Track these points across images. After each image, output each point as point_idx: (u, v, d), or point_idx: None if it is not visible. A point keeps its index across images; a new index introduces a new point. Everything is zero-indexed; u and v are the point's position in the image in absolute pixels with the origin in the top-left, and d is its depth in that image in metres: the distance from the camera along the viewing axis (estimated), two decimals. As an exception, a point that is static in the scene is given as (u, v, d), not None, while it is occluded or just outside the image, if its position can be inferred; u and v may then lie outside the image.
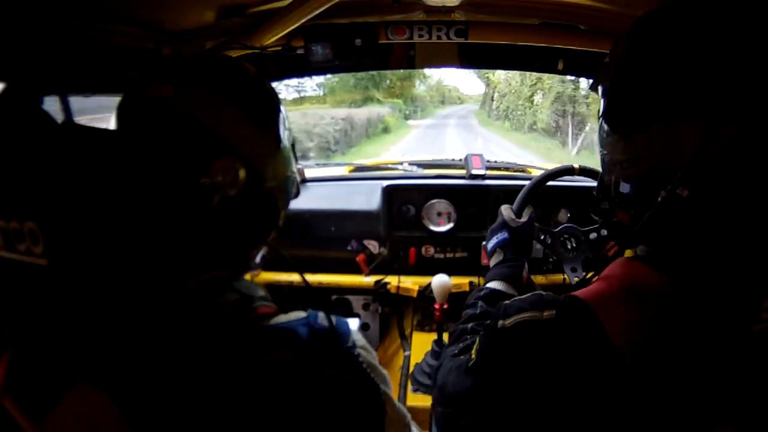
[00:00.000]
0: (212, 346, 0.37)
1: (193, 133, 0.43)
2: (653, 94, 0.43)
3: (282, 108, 0.53)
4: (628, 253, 0.56)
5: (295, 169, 0.55)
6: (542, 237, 0.91)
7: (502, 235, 0.84)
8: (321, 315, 0.44)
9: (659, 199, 0.43)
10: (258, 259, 0.53)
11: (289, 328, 0.40)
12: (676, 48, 0.42)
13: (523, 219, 0.86)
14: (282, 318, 0.43)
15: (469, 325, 0.69)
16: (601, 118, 0.52)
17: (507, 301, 0.51)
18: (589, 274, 0.52)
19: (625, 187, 0.49)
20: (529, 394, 0.45)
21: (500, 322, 0.49)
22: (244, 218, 0.47)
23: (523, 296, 0.51)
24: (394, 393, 0.49)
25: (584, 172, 0.97)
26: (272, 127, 0.50)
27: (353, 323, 1.10)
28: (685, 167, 0.40)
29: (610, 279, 0.47)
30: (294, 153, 0.55)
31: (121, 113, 0.44)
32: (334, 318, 0.44)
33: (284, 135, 0.52)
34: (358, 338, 0.46)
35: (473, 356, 0.52)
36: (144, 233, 0.39)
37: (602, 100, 0.51)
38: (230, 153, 0.44)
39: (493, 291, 0.74)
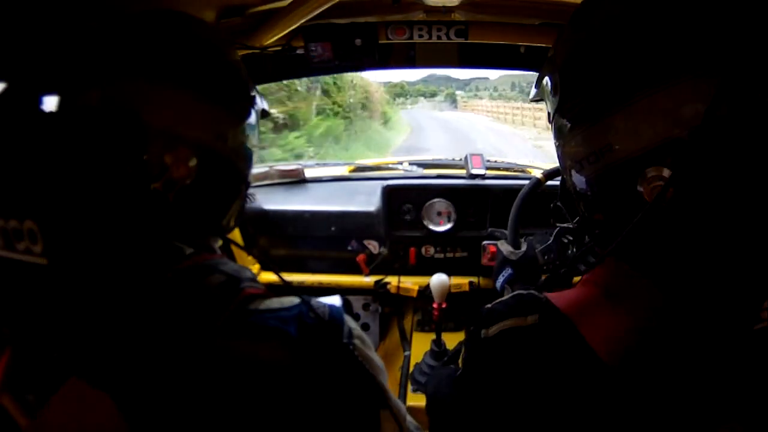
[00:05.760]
0: (202, 336, 0.37)
1: (133, 136, 0.39)
2: (614, 69, 0.38)
3: (238, 70, 0.48)
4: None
5: (256, 131, 0.51)
6: (545, 257, 0.91)
7: (506, 272, 0.85)
8: (313, 303, 0.42)
9: (638, 188, 0.37)
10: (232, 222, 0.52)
11: (279, 326, 0.40)
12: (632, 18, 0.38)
13: (522, 249, 0.86)
14: (274, 303, 0.41)
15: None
16: (554, 116, 0.47)
17: (488, 306, 0.48)
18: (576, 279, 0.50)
19: (594, 186, 0.43)
20: (515, 405, 0.43)
21: (483, 332, 0.46)
22: (207, 193, 0.45)
23: (504, 299, 0.48)
24: (393, 393, 0.48)
25: (550, 175, 0.93)
26: (226, 98, 0.46)
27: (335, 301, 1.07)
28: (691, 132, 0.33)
29: (591, 284, 0.44)
30: (257, 112, 0.51)
31: (58, 122, 0.39)
32: (326, 307, 0.43)
33: (242, 102, 0.48)
34: (353, 326, 0.44)
35: (460, 365, 0.50)
36: (115, 229, 0.38)
37: (551, 98, 0.47)
38: (179, 144, 0.41)
39: None
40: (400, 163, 1.53)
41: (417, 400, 1.07)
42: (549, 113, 0.48)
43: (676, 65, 0.35)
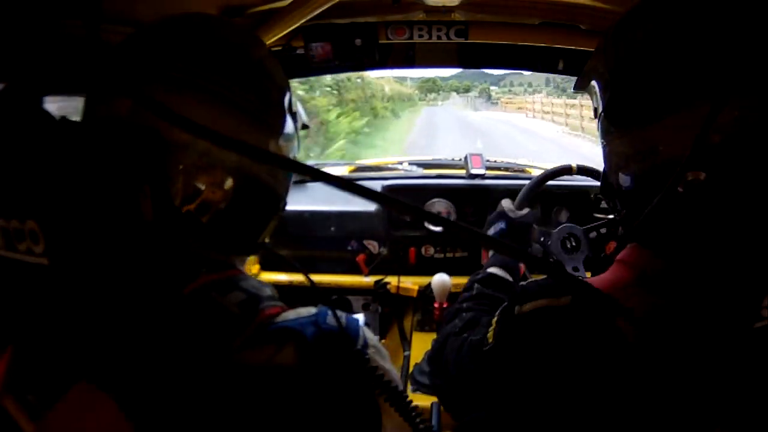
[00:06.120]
0: (214, 347, 0.36)
1: (165, 153, 0.37)
2: (664, 83, 0.41)
3: (279, 83, 0.46)
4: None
5: (296, 147, 0.49)
6: (542, 239, 0.91)
7: (499, 225, 0.84)
8: (330, 313, 0.41)
9: (678, 189, 0.40)
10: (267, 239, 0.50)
11: (296, 327, 0.38)
12: (679, 31, 0.40)
13: (523, 212, 0.86)
14: (290, 314, 0.40)
15: (465, 304, 0.70)
16: (602, 115, 0.50)
17: (523, 283, 0.51)
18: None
19: (631, 182, 0.45)
20: (543, 382, 0.45)
21: (517, 308, 0.48)
22: (241, 215, 0.44)
23: (538, 279, 0.50)
24: None
25: (582, 171, 0.97)
26: (265, 114, 0.43)
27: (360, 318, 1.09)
28: (694, 145, 0.37)
29: (624, 265, 0.46)
30: (296, 128, 0.49)
31: (83, 133, 0.39)
32: (343, 316, 0.42)
33: (282, 117, 0.46)
34: (369, 336, 0.43)
35: (490, 340, 0.51)
36: (136, 241, 0.38)
37: (599, 97, 0.50)
38: (214, 164, 0.40)
39: (491, 275, 0.75)
40: (400, 163, 1.53)
41: (417, 400, 1.06)
42: (595, 108, 0.51)
43: (722, 83, 0.38)
